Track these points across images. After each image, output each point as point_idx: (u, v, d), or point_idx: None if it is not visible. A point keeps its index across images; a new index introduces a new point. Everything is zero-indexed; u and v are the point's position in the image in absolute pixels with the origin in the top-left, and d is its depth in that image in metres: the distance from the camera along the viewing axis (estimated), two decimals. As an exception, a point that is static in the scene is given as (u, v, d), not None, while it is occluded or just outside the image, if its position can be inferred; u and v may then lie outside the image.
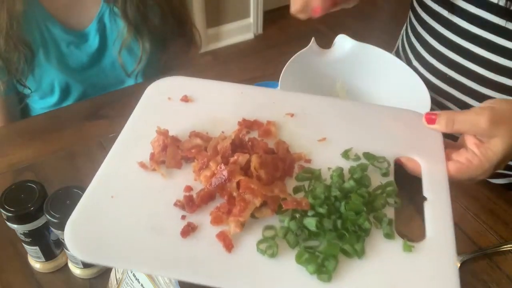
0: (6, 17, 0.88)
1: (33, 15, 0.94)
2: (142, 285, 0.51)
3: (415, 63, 0.91)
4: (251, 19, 2.72)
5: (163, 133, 0.54)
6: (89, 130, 0.91)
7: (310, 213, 0.48)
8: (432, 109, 0.74)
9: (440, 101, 0.87)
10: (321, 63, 0.84)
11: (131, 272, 0.53)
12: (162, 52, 1.06)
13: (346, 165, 0.54)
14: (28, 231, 0.63)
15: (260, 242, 0.46)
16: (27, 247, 0.67)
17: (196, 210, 0.48)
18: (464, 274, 0.69)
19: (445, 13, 0.80)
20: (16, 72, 0.95)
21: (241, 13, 2.68)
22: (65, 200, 0.61)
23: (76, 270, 0.68)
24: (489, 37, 0.76)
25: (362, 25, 2.79)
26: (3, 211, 0.61)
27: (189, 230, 0.46)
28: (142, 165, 0.53)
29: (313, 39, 0.83)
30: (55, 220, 0.59)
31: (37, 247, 0.66)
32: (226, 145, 0.52)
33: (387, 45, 1.13)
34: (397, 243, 0.47)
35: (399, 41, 1.02)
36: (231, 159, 0.51)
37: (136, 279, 0.52)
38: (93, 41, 1.00)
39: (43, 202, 0.61)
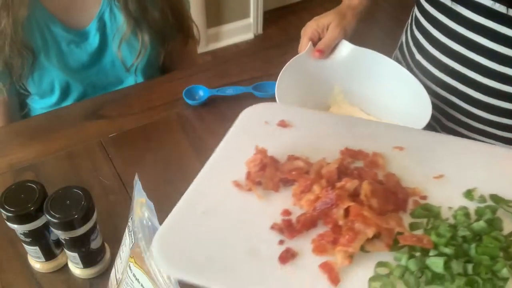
0: (11, 23, 0.88)
1: (34, 16, 0.94)
2: (142, 285, 0.51)
3: (418, 56, 0.91)
4: (251, 19, 2.72)
5: (262, 152, 0.51)
6: (89, 130, 0.91)
7: (432, 253, 0.42)
8: (435, 106, 0.73)
9: (443, 95, 0.87)
10: (319, 68, 0.83)
11: (131, 271, 0.53)
12: (161, 48, 1.06)
13: (470, 206, 0.48)
14: (28, 231, 0.63)
15: (373, 279, 0.41)
16: (27, 247, 0.67)
17: (296, 236, 0.44)
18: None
19: (448, 2, 0.80)
20: (18, 78, 0.95)
21: (241, 13, 2.68)
22: (65, 200, 0.61)
23: (76, 270, 0.68)
24: (492, 26, 0.76)
25: (362, 25, 2.78)
26: (3, 211, 0.61)
27: (288, 257, 0.42)
28: (237, 184, 0.50)
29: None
30: (55, 220, 0.59)
31: (37, 247, 0.66)
32: (332, 169, 0.48)
33: (387, 45, 1.13)
34: None
35: (403, 37, 1.02)
36: (338, 184, 0.46)
37: (136, 279, 0.52)
38: (94, 40, 1.00)
39: (43, 202, 0.61)
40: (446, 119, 0.91)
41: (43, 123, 0.94)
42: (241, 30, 2.72)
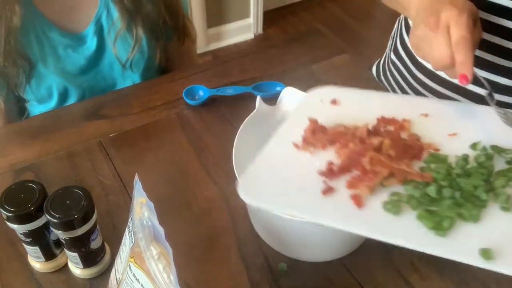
0: (4, 33, 0.88)
1: (30, 21, 0.93)
2: (142, 285, 0.51)
3: (416, 72, 0.92)
4: (251, 19, 2.72)
5: (313, 121, 0.67)
6: (89, 130, 0.91)
7: (432, 185, 0.55)
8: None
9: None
10: (273, 120, 0.77)
11: (131, 271, 0.53)
12: (157, 45, 1.04)
13: (473, 154, 0.60)
14: (28, 231, 0.63)
15: (386, 203, 0.55)
16: (27, 247, 0.67)
17: (335, 178, 0.60)
18: (464, 274, 0.69)
19: None
20: (15, 87, 0.95)
21: (241, 13, 2.68)
22: (65, 200, 0.61)
23: (76, 270, 0.68)
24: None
25: (362, 25, 2.79)
26: (3, 211, 0.61)
27: (328, 190, 0.58)
28: (296, 145, 0.66)
29: (258, 97, 0.77)
30: (55, 220, 0.59)
31: (37, 247, 0.66)
32: (363, 131, 0.64)
33: (386, 46, 1.13)
34: None
35: (396, 40, 1.02)
36: (367, 141, 0.62)
37: (136, 279, 0.52)
38: (91, 44, 1.00)
39: (43, 202, 0.61)
40: None
41: (43, 123, 0.95)
42: (241, 30, 2.73)
